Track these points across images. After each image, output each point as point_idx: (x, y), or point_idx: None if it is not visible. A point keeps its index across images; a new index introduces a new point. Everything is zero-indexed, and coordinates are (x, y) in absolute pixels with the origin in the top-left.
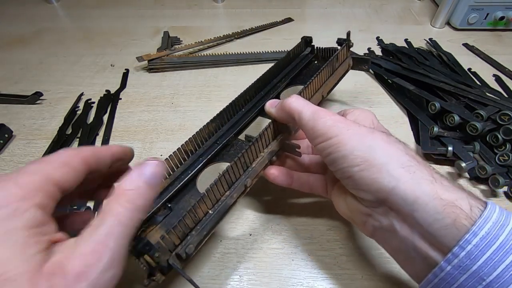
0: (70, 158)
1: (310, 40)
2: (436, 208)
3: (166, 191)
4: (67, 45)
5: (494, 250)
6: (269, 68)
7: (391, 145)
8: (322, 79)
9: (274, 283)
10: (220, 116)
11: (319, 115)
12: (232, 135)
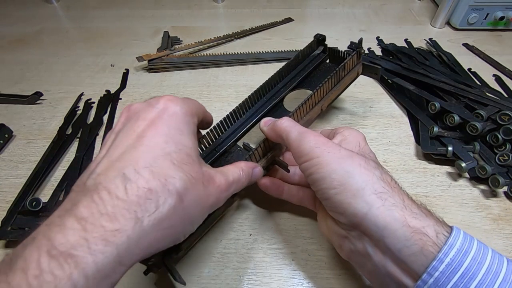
0: (202, 106)
1: (323, 39)
2: (405, 235)
3: None
4: (67, 45)
5: (459, 277)
6: (278, 70)
7: (367, 171)
8: (324, 91)
9: (274, 283)
10: (221, 124)
11: (304, 136)
12: (231, 142)
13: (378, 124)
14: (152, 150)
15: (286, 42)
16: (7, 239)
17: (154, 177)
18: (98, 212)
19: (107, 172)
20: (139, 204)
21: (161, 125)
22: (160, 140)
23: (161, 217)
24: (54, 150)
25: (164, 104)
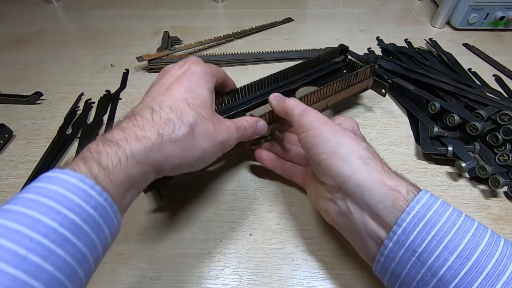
0: (222, 72)
1: (345, 49)
2: (381, 191)
3: None
4: (67, 45)
5: (422, 226)
6: (298, 63)
7: (355, 142)
8: (332, 90)
9: (274, 283)
10: (235, 92)
11: (306, 112)
12: (240, 110)
13: (378, 124)
14: (174, 96)
15: (286, 42)
16: None
17: (173, 112)
18: (133, 125)
19: (142, 107)
20: (160, 125)
21: (184, 80)
22: (181, 90)
23: (176, 138)
24: (54, 150)
25: (188, 65)
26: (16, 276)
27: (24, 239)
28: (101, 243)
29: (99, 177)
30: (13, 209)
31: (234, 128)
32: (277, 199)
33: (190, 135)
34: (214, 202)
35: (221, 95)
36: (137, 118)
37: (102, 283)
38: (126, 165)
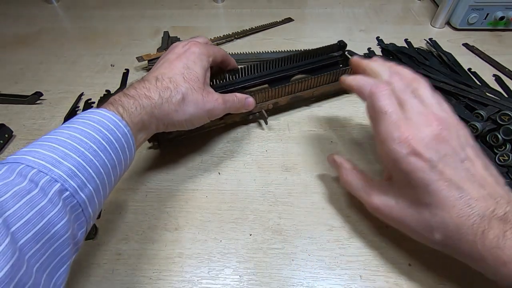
0: (222, 52)
1: (344, 45)
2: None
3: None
4: (67, 45)
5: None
6: (299, 52)
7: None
8: (320, 81)
9: (274, 283)
10: (236, 71)
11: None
12: (238, 87)
13: None
14: (174, 70)
15: (286, 42)
16: None
17: (171, 82)
18: (143, 87)
19: (149, 76)
20: (161, 90)
21: (183, 58)
22: (180, 66)
23: (171, 102)
24: None
25: (189, 45)
26: (79, 161)
27: (82, 142)
28: (124, 161)
29: (124, 115)
30: (73, 126)
31: (222, 100)
32: (277, 199)
33: (182, 101)
34: (214, 202)
35: (222, 72)
36: (145, 83)
37: (102, 283)
38: (139, 112)
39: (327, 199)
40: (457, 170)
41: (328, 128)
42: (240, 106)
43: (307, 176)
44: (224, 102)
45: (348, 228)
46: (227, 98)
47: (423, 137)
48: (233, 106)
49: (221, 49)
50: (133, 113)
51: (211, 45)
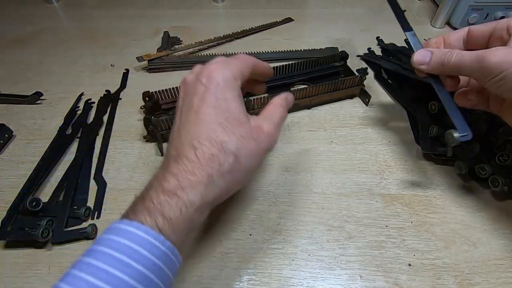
0: (249, 61)
1: (346, 56)
2: None
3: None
4: (67, 45)
5: None
6: (301, 61)
7: None
8: (318, 90)
9: (274, 283)
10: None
11: (483, 56)
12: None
13: (378, 124)
14: (207, 123)
15: (286, 42)
16: (7, 239)
17: (213, 145)
18: (183, 169)
19: (183, 145)
20: (207, 164)
21: (209, 98)
22: (212, 113)
23: (224, 171)
24: (54, 150)
25: (208, 75)
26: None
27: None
28: (165, 284)
29: (164, 229)
30: (90, 262)
31: (274, 129)
32: (277, 199)
33: (235, 162)
34: None
35: (259, 83)
36: (184, 162)
37: None
38: (186, 214)
39: (327, 199)
40: None
41: (328, 128)
42: (287, 111)
43: (307, 176)
44: (276, 130)
45: (348, 228)
46: (277, 120)
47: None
48: (284, 121)
49: (247, 59)
50: (178, 219)
51: (232, 59)
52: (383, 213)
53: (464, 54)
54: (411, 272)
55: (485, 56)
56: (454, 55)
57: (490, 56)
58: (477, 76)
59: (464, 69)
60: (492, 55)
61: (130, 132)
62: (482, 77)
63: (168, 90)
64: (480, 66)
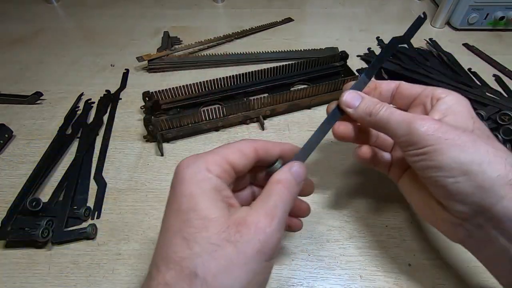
0: (245, 147)
1: (346, 56)
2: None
3: (181, 102)
4: (67, 45)
5: None
6: (300, 61)
7: (496, 158)
8: (318, 90)
9: (274, 283)
10: (237, 76)
11: (411, 122)
12: (240, 92)
13: None
14: (167, 235)
15: (286, 42)
16: (7, 239)
17: (169, 266)
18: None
19: (152, 261)
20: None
21: (171, 200)
22: (171, 218)
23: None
24: (54, 150)
25: (175, 174)
26: None
27: None
28: None
29: None
30: None
31: (269, 221)
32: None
33: (202, 286)
34: None
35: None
36: (151, 284)
37: (102, 283)
38: None
39: (327, 199)
40: None
41: None
42: (297, 189)
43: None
44: (273, 217)
45: (348, 228)
46: (272, 203)
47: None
48: (290, 206)
49: (244, 144)
50: None
51: (223, 146)
52: (383, 213)
53: (394, 112)
54: (411, 272)
55: (413, 122)
56: (384, 108)
57: (418, 124)
58: (401, 141)
59: (389, 128)
60: (420, 124)
61: (130, 132)
62: (405, 144)
63: (168, 90)
64: (409, 131)
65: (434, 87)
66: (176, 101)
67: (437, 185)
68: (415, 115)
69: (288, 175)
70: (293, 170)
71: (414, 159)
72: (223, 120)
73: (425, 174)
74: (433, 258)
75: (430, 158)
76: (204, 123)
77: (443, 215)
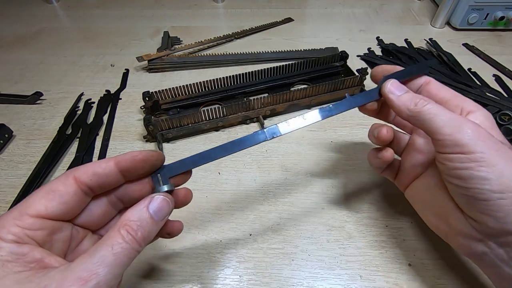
0: (57, 186)
1: (346, 56)
2: None
3: (181, 102)
4: (67, 45)
5: None
6: (300, 61)
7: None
8: (318, 90)
9: (274, 283)
10: (236, 76)
11: (460, 123)
12: (239, 92)
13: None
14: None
15: (286, 42)
16: None
17: None
18: None
19: None
20: None
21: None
22: None
23: None
24: (54, 150)
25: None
26: None
27: None
28: None
29: None
30: None
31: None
32: (277, 199)
33: None
34: (214, 202)
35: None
36: None
37: None
38: None
39: (327, 199)
40: None
41: (328, 128)
42: (150, 236)
43: (307, 176)
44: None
45: (348, 228)
46: (83, 268)
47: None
48: (124, 264)
49: (61, 181)
50: None
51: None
52: (383, 213)
53: (442, 108)
54: (411, 272)
55: (465, 123)
56: (430, 103)
57: (471, 127)
58: (444, 139)
59: (432, 124)
60: (473, 128)
61: (130, 132)
62: (449, 144)
63: (168, 90)
64: (458, 130)
65: (464, 97)
66: (176, 101)
67: (475, 197)
68: (465, 117)
69: (142, 214)
70: (152, 207)
71: (456, 165)
72: (223, 120)
73: (467, 184)
74: (433, 258)
75: (477, 167)
76: (204, 123)
77: (463, 228)
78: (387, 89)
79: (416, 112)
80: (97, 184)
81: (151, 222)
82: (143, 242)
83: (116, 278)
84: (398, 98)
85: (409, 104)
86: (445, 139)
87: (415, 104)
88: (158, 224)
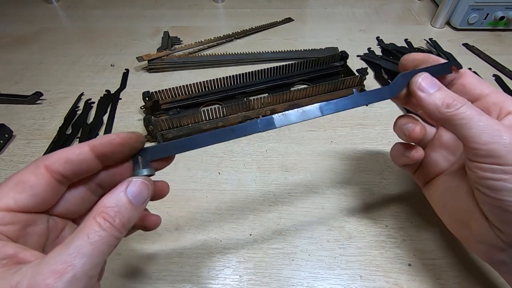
0: (27, 176)
1: (346, 56)
2: None
3: (181, 102)
4: (67, 45)
5: None
6: (299, 61)
7: None
8: (318, 90)
9: (274, 283)
10: (237, 76)
11: (497, 132)
12: (239, 92)
13: (378, 124)
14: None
15: (286, 42)
16: None
17: None
18: None
19: None
20: None
21: None
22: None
23: None
24: (54, 150)
25: None
26: None
27: None
28: None
29: None
30: None
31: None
32: (277, 199)
33: None
34: (214, 202)
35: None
36: None
37: (102, 284)
38: None
39: (327, 199)
40: None
41: (328, 128)
42: (135, 217)
43: (307, 176)
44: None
45: (348, 228)
46: (58, 259)
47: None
48: (103, 254)
49: (30, 170)
50: None
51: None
52: (383, 213)
53: (479, 112)
54: (411, 272)
55: (506, 132)
56: (466, 105)
57: (505, 137)
58: (478, 148)
59: (467, 130)
60: (504, 139)
61: None
62: (483, 154)
63: (168, 90)
64: (496, 140)
65: (505, 95)
66: (176, 101)
67: (507, 210)
68: (505, 124)
69: (120, 199)
70: (131, 191)
71: (488, 175)
72: (223, 120)
73: (498, 195)
74: (433, 258)
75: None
76: (204, 123)
77: (486, 236)
78: (416, 85)
79: (448, 116)
80: (72, 172)
81: (130, 207)
82: (123, 228)
83: (96, 267)
84: (430, 97)
85: (440, 105)
86: (480, 149)
87: (447, 106)
88: (138, 209)
